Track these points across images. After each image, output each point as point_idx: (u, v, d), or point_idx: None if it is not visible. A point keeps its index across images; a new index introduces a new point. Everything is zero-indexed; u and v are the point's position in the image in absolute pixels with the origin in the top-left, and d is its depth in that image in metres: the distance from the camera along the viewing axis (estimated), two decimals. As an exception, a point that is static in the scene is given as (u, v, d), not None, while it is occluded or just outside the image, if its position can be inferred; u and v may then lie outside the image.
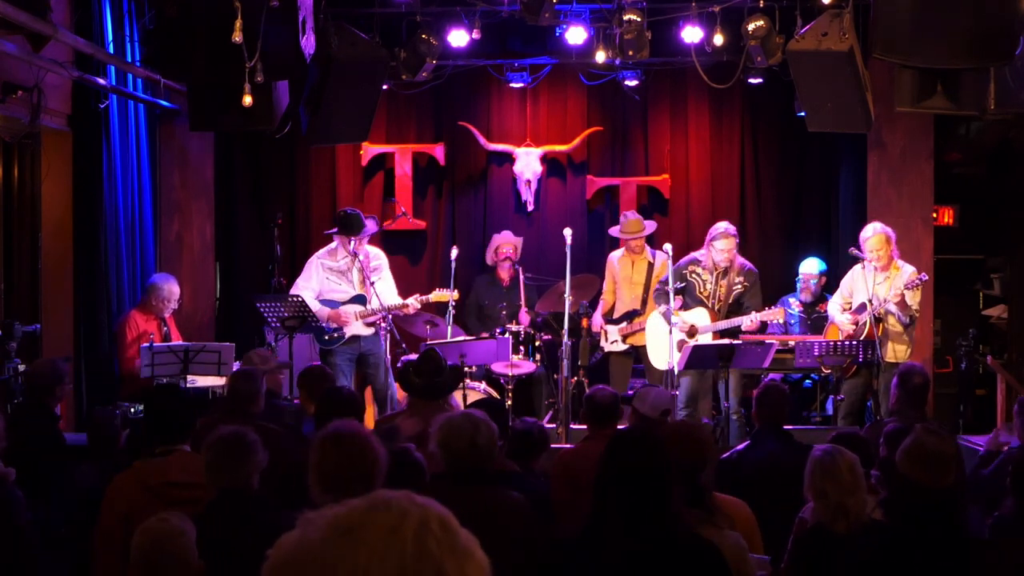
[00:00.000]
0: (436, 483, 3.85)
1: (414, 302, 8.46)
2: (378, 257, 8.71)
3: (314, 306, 8.34)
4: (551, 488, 5.20)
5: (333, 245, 8.59)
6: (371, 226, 8.70)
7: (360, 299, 8.42)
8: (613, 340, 8.82)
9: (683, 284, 8.30)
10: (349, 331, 8.45)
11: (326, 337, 8.46)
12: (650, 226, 9.05)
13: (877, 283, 7.97)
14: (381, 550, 1.29)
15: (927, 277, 8.13)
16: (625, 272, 8.88)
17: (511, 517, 3.76)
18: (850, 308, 8.33)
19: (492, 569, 1.36)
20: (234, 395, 5.71)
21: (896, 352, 8.01)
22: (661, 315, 8.33)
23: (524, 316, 9.08)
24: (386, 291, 8.51)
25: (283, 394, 7.07)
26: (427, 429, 4.14)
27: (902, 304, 7.83)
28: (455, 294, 8.65)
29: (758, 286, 8.36)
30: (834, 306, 8.46)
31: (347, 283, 8.46)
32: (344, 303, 8.48)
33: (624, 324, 8.77)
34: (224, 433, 3.99)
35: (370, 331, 8.40)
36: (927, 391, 6.42)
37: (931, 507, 3.68)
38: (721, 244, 8.25)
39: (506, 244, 9.45)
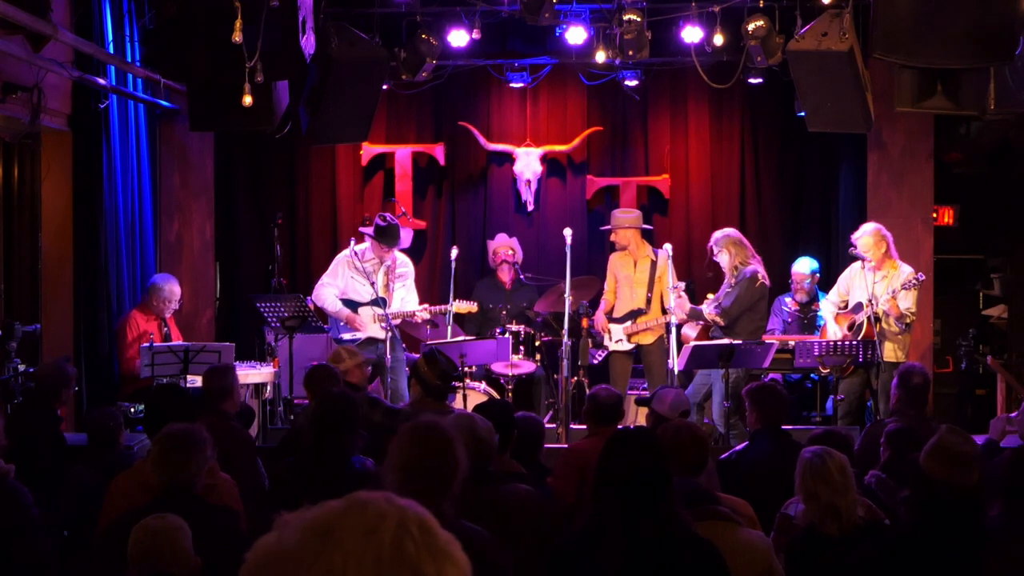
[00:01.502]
0: None
1: (422, 312, 8.55)
2: (405, 265, 8.81)
3: (335, 305, 8.50)
4: (556, 484, 5.20)
5: (364, 245, 8.64)
6: (405, 239, 8.76)
7: (381, 302, 8.46)
8: (618, 339, 8.79)
9: (684, 283, 8.33)
10: (365, 333, 8.53)
11: (345, 336, 8.54)
12: (635, 214, 8.96)
13: (874, 282, 7.98)
14: (358, 552, 1.28)
15: (924, 277, 8.12)
16: (626, 271, 8.85)
17: (524, 510, 3.76)
18: (846, 306, 8.34)
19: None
20: (205, 392, 5.73)
21: (896, 352, 8.02)
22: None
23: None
24: (408, 299, 8.66)
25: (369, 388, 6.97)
26: None
27: (893, 308, 7.85)
28: (474, 306, 8.73)
29: (739, 289, 8.28)
30: (828, 305, 8.47)
31: (371, 285, 8.51)
32: (364, 304, 8.54)
33: (629, 323, 8.76)
34: (173, 429, 3.99)
35: (387, 335, 8.42)
36: (927, 391, 6.42)
37: (956, 506, 3.67)
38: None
39: (502, 247, 9.43)
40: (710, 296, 8.50)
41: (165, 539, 3.32)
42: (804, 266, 9.16)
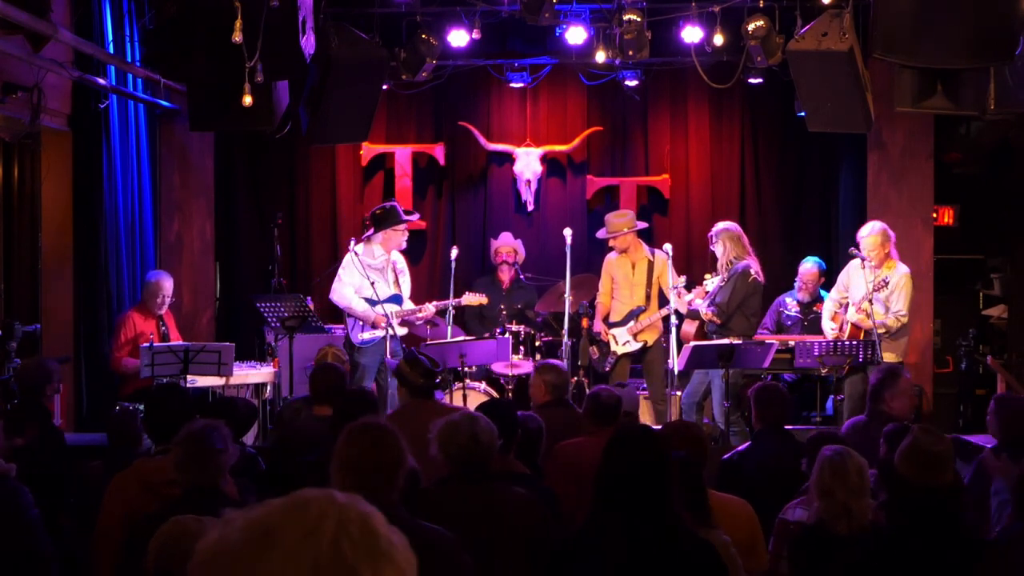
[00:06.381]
0: (440, 486, 3.82)
1: (430, 307, 8.62)
2: (402, 262, 8.87)
3: (362, 305, 8.48)
4: (550, 483, 5.19)
5: (368, 245, 8.65)
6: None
7: (397, 299, 8.50)
8: (625, 341, 8.76)
9: (683, 280, 8.35)
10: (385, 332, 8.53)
11: (365, 336, 8.53)
12: (628, 216, 8.91)
13: (870, 281, 7.97)
14: (296, 553, 1.27)
15: (888, 280, 8.00)
16: (624, 272, 8.83)
17: (518, 512, 3.76)
18: (846, 302, 8.33)
19: (502, 564, 1.36)
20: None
21: (895, 354, 8.01)
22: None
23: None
24: (404, 295, 8.72)
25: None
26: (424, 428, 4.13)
27: (863, 322, 7.85)
28: (484, 299, 8.76)
29: (732, 284, 8.26)
30: (829, 304, 8.46)
31: (383, 282, 8.54)
32: (381, 302, 8.52)
33: (632, 324, 8.74)
34: (193, 429, 3.88)
35: (403, 331, 8.53)
36: (883, 389, 6.24)
37: (931, 506, 3.70)
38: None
39: (504, 247, 9.43)
40: (707, 277, 8.45)
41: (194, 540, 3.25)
42: (811, 266, 9.11)
